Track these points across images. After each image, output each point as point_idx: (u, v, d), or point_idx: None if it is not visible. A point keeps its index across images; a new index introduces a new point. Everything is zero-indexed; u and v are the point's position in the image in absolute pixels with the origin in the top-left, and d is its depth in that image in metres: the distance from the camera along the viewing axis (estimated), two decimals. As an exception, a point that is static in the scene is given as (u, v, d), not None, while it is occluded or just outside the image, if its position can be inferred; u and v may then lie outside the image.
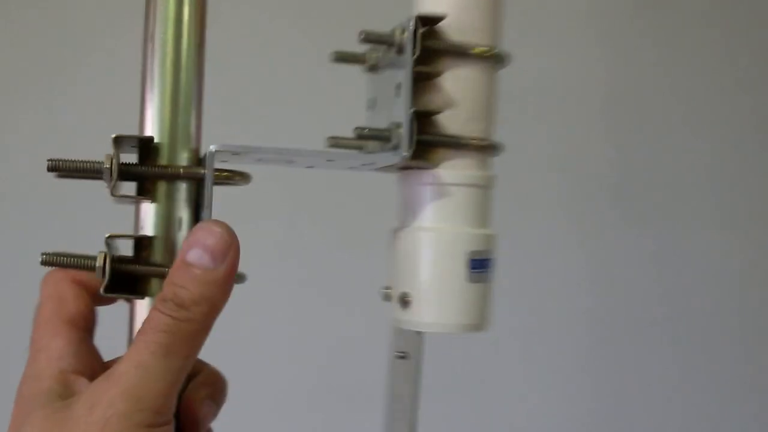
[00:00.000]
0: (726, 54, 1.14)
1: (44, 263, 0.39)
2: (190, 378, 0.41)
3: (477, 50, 0.42)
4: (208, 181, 0.39)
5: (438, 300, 0.42)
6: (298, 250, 1.05)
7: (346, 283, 1.03)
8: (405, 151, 0.40)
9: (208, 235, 0.36)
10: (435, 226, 0.42)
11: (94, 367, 0.37)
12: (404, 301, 0.42)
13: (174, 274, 0.35)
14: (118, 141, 0.38)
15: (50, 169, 0.38)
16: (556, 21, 1.10)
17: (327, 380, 1.05)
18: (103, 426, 0.32)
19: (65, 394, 0.35)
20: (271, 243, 1.03)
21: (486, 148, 0.43)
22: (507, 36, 0.45)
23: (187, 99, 0.40)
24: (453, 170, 0.42)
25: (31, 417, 0.34)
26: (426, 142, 0.41)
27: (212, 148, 0.39)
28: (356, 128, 0.42)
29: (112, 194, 0.37)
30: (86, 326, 0.39)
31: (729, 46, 1.14)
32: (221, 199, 0.40)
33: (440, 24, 0.42)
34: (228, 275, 0.35)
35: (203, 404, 0.40)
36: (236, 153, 0.39)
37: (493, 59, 0.43)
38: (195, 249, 0.35)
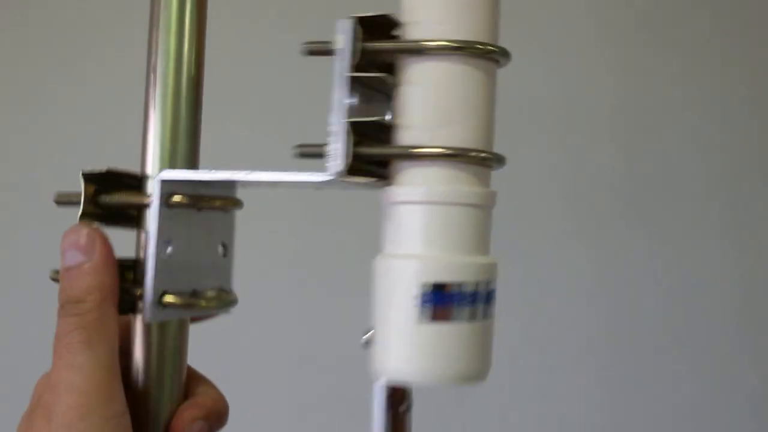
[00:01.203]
0: (734, 63, 1.14)
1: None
2: (185, 398, 0.42)
3: (436, 44, 0.35)
4: (153, 209, 0.39)
5: (386, 342, 0.36)
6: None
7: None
8: (337, 168, 0.35)
9: (73, 235, 0.38)
10: (387, 253, 0.37)
11: None
12: (366, 342, 0.37)
13: (61, 282, 0.38)
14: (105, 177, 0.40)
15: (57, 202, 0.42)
16: (562, 31, 1.12)
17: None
18: (69, 427, 0.35)
19: None
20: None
21: (450, 158, 0.36)
22: (516, 47, 0.38)
23: (185, 127, 0.42)
24: (407, 186, 0.36)
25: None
26: (364, 156, 0.36)
27: (160, 176, 0.39)
28: (295, 146, 0.38)
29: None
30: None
31: (738, 55, 1.14)
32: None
33: (410, 24, 0.36)
34: (104, 260, 0.38)
35: (192, 425, 0.41)
36: (181, 180, 0.39)
37: (462, 55, 0.36)
38: (67, 252, 0.38)
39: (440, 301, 0.35)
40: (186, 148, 0.42)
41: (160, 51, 0.41)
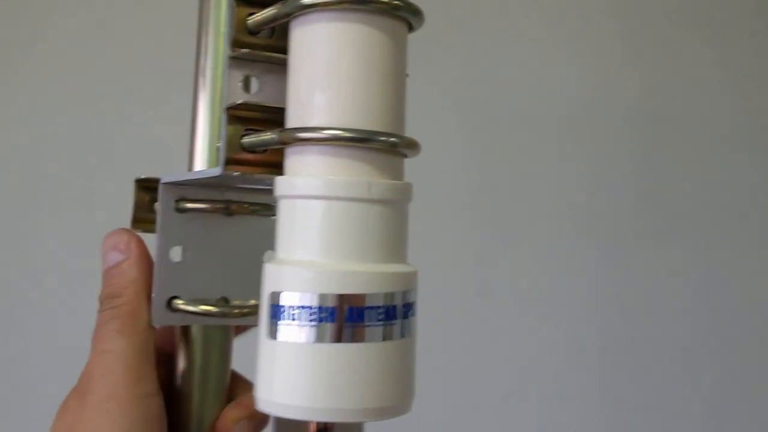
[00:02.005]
0: (750, 71, 1.10)
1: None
2: (229, 399, 0.42)
3: (299, 2, 0.29)
4: (159, 214, 0.39)
5: (274, 368, 0.30)
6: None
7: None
8: (221, 163, 0.31)
9: (112, 239, 0.40)
10: (279, 258, 0.31)
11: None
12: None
13: (102, 283, 0.40)
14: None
15: None
16: (582, 38, 1.07)
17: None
18: (104, 410, 0.37)
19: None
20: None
21: (353, 143, 0.28)
22: (532, 54, 0.30)
23: None
24: (299, 177, 0.30)
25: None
26: (249, 145, 0.31)
27: (162, 180, 0.40)
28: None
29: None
30: None
31: (757, 63, 1.11)
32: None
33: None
34: (137, 258, 0.39)
35: (236, 426, 0.41)
36: (184, 183, 0.39)
37: (362, 12, 0.28)
38: (108, 254, 0.40)
39: (345, 317, 0.28)
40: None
41: (209, 53, 0.41)
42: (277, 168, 0.32)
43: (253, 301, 0.41)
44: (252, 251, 0.41)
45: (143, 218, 0.43)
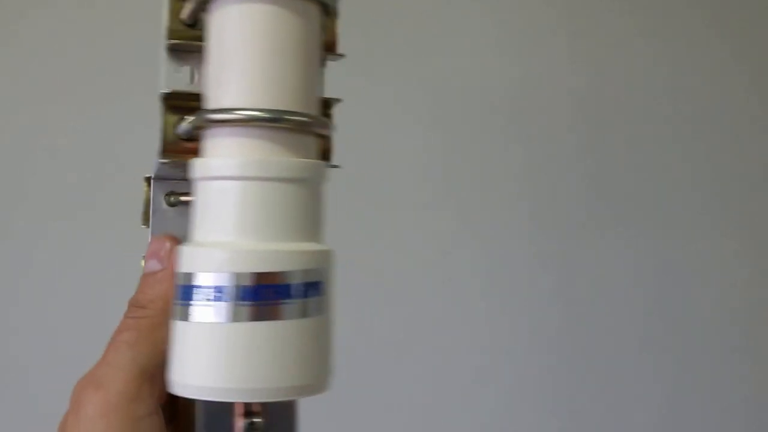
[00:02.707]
0: (710, 49, 1.12)
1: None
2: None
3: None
4: (150, 208, 0.41)
5: (189, 348, 0.30)
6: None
7: None
8: (158, 151, 0.32)
9: (155, 246, 0.39)
10: (195, 240, 0.31)
11: None
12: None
13: (139, 285, 0.39)
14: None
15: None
16: (529, 25, 1.07)
17: None
18: (92, 422, 0.36)
19: None
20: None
21: (263, 122, 0.29)
22: (482, 44, 0.30)
23: None
24: (212, 158, 0.30)
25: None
26: (181, 133, 0.32)
27: (153, 174, 0.41)
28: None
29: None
30: None
31: (717, 43, 1.12)
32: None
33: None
34: (171, 272, 0.39)
35: None
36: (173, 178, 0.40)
37: None
38: (149, 260, 0.39)
39: (258, 295, 0.28)
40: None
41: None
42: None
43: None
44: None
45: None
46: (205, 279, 0.29)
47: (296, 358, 0.28)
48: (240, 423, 0.31)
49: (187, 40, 0.32)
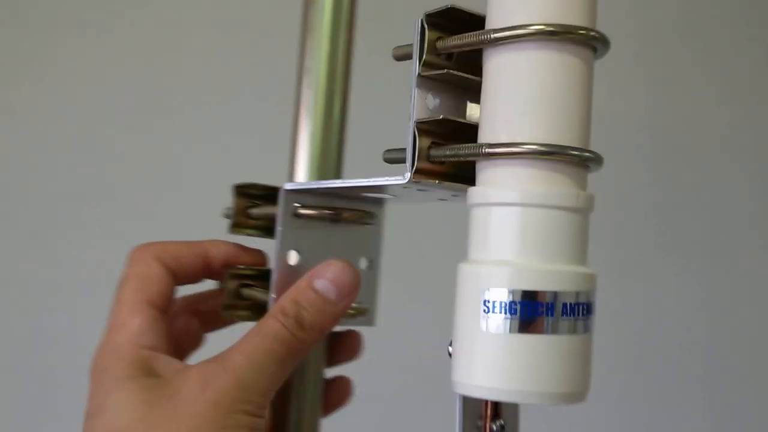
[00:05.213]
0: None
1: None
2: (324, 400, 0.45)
3: (498, 35, 0.32)
4: (279, 218, 0.41)
5: (470, 353, 0.33)
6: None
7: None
8: (408, 171, 0.34)
9: (341, 272, 0.39)
10: (474, 258, 0.34)
11: (167, 344, 0.39)
12: (449, 352, 0.35)
13: (300, 295, 0.38)
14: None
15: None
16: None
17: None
18: (213, 406, 0.35)
19: (148, 370, 0.37)
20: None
21: (546, 156, 0.32)
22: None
23: (336, 127, 0.43)
24: (497, 187, 0.33)
25: (120, 390, 0.36)
26: (437, 157, 0.34)
27: (285, 186, 0.41)
28: (384, 151, 0.37)
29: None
30: (164, 306, 0.41)
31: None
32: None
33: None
34: (343, 312, 0.39)
35: None
36: (305, 190, 0.41)
37: (557, 42, 0.32)
38: (323, 280, 0.38)
39: (535, 311, 0.32)
40: (337, 144, 0.43)
41: (313, 53, 0.43)
42: (451, 178, 0.35)
43: (355, 305, 0.43)
44: (352, 257, 0.44)
45: (242, 223, 0.44)
46: (495, 294, 0.32)
47: (574, 369, 0.32)
48: (494, 426, 0.35)
49: (439, 70, 0.34)
